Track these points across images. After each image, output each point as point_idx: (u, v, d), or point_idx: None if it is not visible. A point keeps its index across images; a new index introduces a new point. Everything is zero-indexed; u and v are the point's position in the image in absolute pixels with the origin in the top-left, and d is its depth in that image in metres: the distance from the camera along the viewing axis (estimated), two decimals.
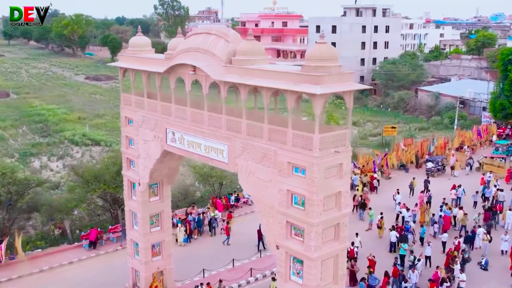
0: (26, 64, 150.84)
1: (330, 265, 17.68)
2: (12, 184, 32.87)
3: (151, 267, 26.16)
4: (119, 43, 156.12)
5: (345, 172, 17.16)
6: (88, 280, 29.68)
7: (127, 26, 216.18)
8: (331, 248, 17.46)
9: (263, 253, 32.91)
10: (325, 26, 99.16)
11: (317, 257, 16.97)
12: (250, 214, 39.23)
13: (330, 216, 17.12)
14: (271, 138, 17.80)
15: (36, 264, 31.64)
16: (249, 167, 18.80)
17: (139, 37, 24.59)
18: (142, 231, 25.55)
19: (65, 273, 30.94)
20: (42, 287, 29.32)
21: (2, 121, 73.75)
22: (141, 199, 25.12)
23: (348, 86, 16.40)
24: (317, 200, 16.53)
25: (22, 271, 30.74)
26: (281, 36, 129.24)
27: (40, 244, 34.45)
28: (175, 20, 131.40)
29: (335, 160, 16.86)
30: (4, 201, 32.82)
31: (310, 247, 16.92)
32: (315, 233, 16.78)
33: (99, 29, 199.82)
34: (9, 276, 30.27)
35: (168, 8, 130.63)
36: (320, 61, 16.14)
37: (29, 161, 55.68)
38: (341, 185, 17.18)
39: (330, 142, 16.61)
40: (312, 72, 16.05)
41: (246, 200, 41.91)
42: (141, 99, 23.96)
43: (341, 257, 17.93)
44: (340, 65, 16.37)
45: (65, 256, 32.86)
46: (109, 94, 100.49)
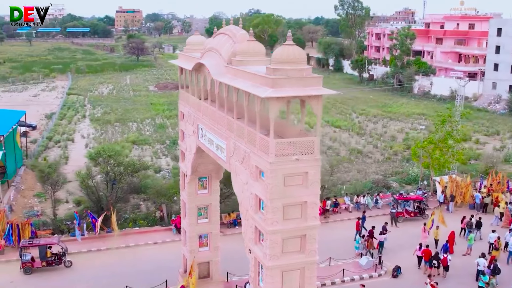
0: None
1: (295, 278, 16.91)
2: (118, 166, 36.58)
3: (196, 256, 27.24)
4: (302, 43, 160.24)
5: (312, 182, 16.23)
6: (159, 260, 31.93)
7: (317, 26, 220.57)
8: (294, 260, 16.69)
9: (334, 261, 31.96)
10: (508, 29, 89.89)
11: (273, 266, 16.39)
12: (340, 222, 38.19)
13: (291, 226, 16.38)
14: (248, 140, 17.58)
15: (125, 240, 35.00)
16: (236, 168, 18.79)
17: (193, 37, 25.69)
18: (189, 221, 26.77)
19: (146, 252, 33.72)
20: (120, 260, 32.42)
21: (169, 110, 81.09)
22: (188, 190, 26.34)
23: (307, 91, 15.51)
24: (272, 207, 15.97)
25: (111, 244, 34.31)
26: (466, 39, 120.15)
27: (141, 223, 37.85)
28: (355, 20, 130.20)
29: (298, 168, 16.07)
30: (110, 181, 36.73)
31: (266, 255, 16.41)
32: (271, 241, 16.22)
33: (292, 29, 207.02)
34: (99, 247, 34.06)
35: (348, 8, 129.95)
36: (280, 64, 15.56)
37: (175, 148, 60.69)
38: (307, 195, 16.29)
39: (290, 149, 15.88)
40: (270, 75, 15.54)
41: (347, 206, 40.76)
42: (187, 95, 25.11)
43: (309, 271, 17.00)
44: (303, 68, 15.56)
45: (153, 236, 35.71)
46: None
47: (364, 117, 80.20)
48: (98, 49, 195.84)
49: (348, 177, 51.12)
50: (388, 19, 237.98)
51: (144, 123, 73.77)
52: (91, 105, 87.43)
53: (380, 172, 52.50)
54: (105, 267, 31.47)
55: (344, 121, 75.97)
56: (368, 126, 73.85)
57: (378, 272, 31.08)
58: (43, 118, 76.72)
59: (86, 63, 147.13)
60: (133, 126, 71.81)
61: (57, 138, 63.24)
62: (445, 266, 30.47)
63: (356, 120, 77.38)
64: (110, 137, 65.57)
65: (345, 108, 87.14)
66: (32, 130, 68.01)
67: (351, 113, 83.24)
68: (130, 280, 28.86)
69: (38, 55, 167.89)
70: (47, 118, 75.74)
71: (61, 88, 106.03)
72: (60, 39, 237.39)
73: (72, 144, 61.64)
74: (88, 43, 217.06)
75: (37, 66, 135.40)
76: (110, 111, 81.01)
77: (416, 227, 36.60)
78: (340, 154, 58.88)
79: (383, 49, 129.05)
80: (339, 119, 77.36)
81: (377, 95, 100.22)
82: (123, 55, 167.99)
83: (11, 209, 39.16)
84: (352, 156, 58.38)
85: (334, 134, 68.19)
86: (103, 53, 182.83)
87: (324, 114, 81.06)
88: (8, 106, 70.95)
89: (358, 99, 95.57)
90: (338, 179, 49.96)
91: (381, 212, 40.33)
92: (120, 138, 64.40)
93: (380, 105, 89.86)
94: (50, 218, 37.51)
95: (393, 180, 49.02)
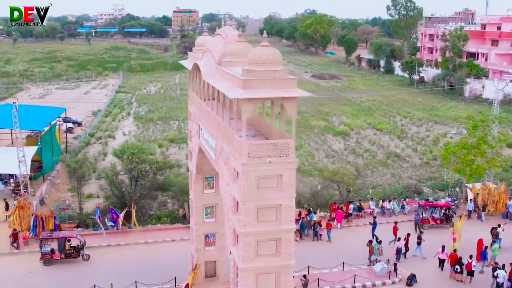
0: None
1: (270, 281, 16.75)
2: (140, 163, 37.32)
3: (202, 255, 27.46)
4: (354, 43, 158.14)
5: (287, 185, 16.03)
6: (174, 258, 32.33)
7: (373, 27, 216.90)
8: (268, 263, 16.54)
9: (348, 266, 31.42)
10: None
11: (246, 268, 16.30)
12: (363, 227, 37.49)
13: (265, 229, 16.25)
14: (229, 141, 17.55)
15: (145, 236, 35.68)
16: (222, 169, 18.80)
17: (201, 37, 25.86)
18: (195, 219, 26.98)
19: (162, 248, 34.27)
20: (137, 255, 33.10)
21: None
22: (194, 189, 26.57)
23: (279, 93, 15.32)
24: (244, 209, 15.89)
25: (131, 240, 35.09)
26: None
27: (164, 220, 38.45)
28: (407, 21, 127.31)
29: (272, 170, 15.91)
30: (133, 178, 37.53)
31: (240, 257, 16.34)
32: (244, 243, 16.14)
33: (346, 29, 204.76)
34: (119, 242, 34.89)
35: (401, 9, 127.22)
36: (254, 65, 15.46)
37: None
38: (282, 198, 16.11)
39: (264, 150, 15.75)
40: (244, 76, 15.46)
41: (371, 211, 39.94)
42: (194, 95, 25.31)
43: (285, 275, 16.79)
44: (276, 69, 15.38)
45: (172, 234, 36.20)
46: (323, 92, 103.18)
47: (408, 120, 78.27)
48: (153, 49, 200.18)
49: (381, 181, 50.16)
50: (447, 20, 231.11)
51: (185, 122, 74.78)
52: (137, 103, 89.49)
53: (415, 177, 51.20)
54: (121, 261, 32.20)
55: (386, 123, 74.44)
56: (411, 129, 72.10)
57: (392, 279, 30.33)
58: (89, 115, 79.10)
59: (139, 62, 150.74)
60: (174, 125, 73.01)
61: (99, 134, 65.09)
62: (469, 271, 29.72)
63: (399, 123, 75.62)
64: (150, 135, 66.96)
65: (390, 110, 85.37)
66: (77, 126, 70.41)
67: (395, 115, 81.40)
68: (142, 275, 29.50)
69: (95, 54, 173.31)
70: (93, 115, 78.04)
71: (111, 86, 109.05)
72: (118, 39, 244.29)
73: (113, 141, 63.24)
74: (144, 43, 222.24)
75: (92, 65, 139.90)
76: (154, 110, 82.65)
77: (442, 234, 35.46)
78: (376, 157, 57.78)
79: (436, 50, 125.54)
80: (382, 121, 75.87)
81: (426, 97, 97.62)
82: (175, 54, 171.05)
83: (42, 202, 40.71)
84: (389, 159, 57.14)
85: (374, 136, 66.91)
86: (157, 53, 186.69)
87: (367, 116, 79.95)
88: (59, 103, 73.73)
89: (405, 102, 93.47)
90: (370, 183, 49.17)
91: (407, 218, 39.27)
92: (159, 136, 65.61)
93: (427, 108, 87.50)
94: (76, 212, 38.64)
95: (426, 185, 47.67)
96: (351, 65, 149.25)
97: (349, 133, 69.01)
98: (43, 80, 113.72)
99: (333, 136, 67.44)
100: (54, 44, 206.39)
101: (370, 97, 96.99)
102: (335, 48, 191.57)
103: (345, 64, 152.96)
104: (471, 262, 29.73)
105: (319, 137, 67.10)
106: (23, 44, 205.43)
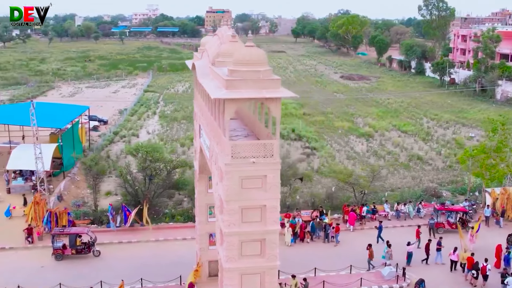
0: (298, 60, 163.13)
1: (255, 282, 16.71)
2: (154, 162, 37.69)
3: (206, 254, 27.57)
4: (385, 44, 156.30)
5: (271, 185, 15.97)
6: (182, 256, 32.48)
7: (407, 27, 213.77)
8: (253, 263, 16.51)
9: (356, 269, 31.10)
10: None
11: (229, 268, 16.30)
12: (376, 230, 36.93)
13: (250, 229, 16.23)
14: (217, 141, 17.59)
15: (157, 234, 36.02)
16: (213, 169, 18.84)
17: (206, 37, 26.03)
18: (199, 218, 27.16)
19: (172, 246, 34.55)
20: (147, 252, 33.45)
21: None
22: (198, 188, 26.72)
23: (262, 93, 15.26)
24: (228, 209, 15.90)
25: (142, 237, 35.49)
26: None
27: (178, 219, 38.74)
28: (439, 22, 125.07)
29: (256, 171, 15.87)
30: (147, 176, 37.94)
31: (223, 257, 16.36)
32: (227, 243, 16.15)
33: (379, 30, 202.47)
34: (130, 239, 35.33)
35: (432, 9, 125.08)
36: (238, 65, 15.46)
37: None
38: (266, 198, 16.06)
39: (248, 151, 15.72)
40: (228, 76, 15.48)
41: (386, 214, 39.41)
42: (196, 94, 25.43)
43: (270, 276, 16.72)
44: (260, 70, 15.33)
45: (184, 232, 36.40)
46: (351, 93, 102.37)
47: (435, 122, 76.92)
48: (184, 48, 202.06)
49: (401, 184, 49.46)
50: (483, 21, 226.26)
51: None
52: (164, 103, 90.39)
53: (437, 180, 50.34)
54: (130, 258, 32.58)
55: (412, 125, 73.33)
56: (437, 131, 70.83)
57: (400, 284, 29.85)
58: (116, 113, 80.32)
59: (170, 61, 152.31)
60: None
61: (123, 133, 66.03)
62: (484, 274, 29.26)
63: (425, 125, 74.37)
64: (174, 133, 67.56)
65: (417, 112, 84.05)
66: (103, 124, 71.61)
67: (422, 117, 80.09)
68: (149, 272, 29.83)
69: (127, 53, 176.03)
70: (120, 114, 79.21)
71: (140, 85, 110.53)
72: (151, 38, 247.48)
73: (137, 139, 64.00)
74: (176, 43, 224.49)
75: (124, 64, 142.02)
76: (180, 109, 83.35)
77: (457, 239, 34.64)
78: (398, 160, 56.99)
79: (468, 51, 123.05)
80: (408, 123, 74.75)
81: (456, 99, 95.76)
82: None
83: (61, 199, 41.55)
84: (411, 162, 56.29)
85: (398, 138, 65.98)
86: (188, 52, 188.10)
87: (393, 117, 78.89)
88: (87, 101, 75.22)
89: (434, 104, 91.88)
90: (389, 185, 48.52)
91: (422, 222, 38.53)
92: (182, 135, 66.14)
93: (456, 110, 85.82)
94: (91, 209, 39.30)
95: (446, 189, 46.77)
96: (382, 66, 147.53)
97: (373, 134, 68.24)
98: (75, 79, 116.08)
99: (357, 137, 66.82)
100: (89, 44, 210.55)
101: (398, 98, 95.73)
102: (367, 48, 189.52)
103: (376, 65, 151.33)
104: (486, 265, 29.25)
105: (342, 138, 66.56)
106: (59, 44, 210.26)
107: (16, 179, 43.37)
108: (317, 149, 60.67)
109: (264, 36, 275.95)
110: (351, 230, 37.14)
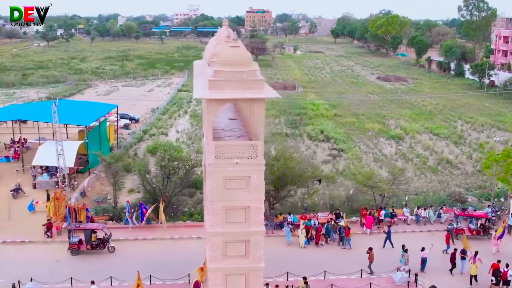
0: (336, 61, 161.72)
1: (239, 282, 16.68)
2: (172, 161, 38.07)
3: None
4: (425, 45, 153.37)
5: (255, 187, 15.91)
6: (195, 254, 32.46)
7: (450, 28, 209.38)
8: (237, 264, 16.48)
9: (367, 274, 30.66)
10: None
11: (214, 269, 16.33)
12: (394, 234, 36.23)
13: (233, 230, 16.21)
14: (207, 142, 17.61)
15: (172, 232, 36.41)
16: (205, 169, 18.88)
17: (212, 38, 26.06)
18: None
19: (186, 244, 34.88)
20: (161, 250, 33.89)
21: (268, 110, 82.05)
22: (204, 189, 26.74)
23: (245, 94, 15.21)
24: (212, 209, 15.92)
25: (157, 235, 35.94)
26: None
27: (196, 217, 39.03)
28: (479, 22, 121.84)
29: (240, 172, 15.84)
30: (165, 175, 38.35)
31: (208, 257, 16.40)
32: (211, 243, 16.17)
33: (420, 30, 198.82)
34: (146, 237, 35.80)
35: (473, 9, 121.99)
36: (222, 66, 15.45)
37: None
38: (250, 199, 16.01)
39: (232, 152, 15.71)
40: (212, 77, 15.50)
41: (405, 218, 38.67)
42: None
43: (254, 277, 16.66)
44: (243, 71, 15.28)
45: (199, 231, 36.39)
46: (385, 94, 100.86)
47: (470, 125, 74.94)
48: None
49: (427, 188, 48.43)
50: None
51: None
52: (196, 102, 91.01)
53: (464, 185, 49.08)
54: (144, 255, 33.04)
55: (445, 128, 71.66)
56: (470, 135, 68.99)
57: None
58: (148, 112, 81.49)
59: None
60: None
61: (152, 131, 66.91)
62: (505, 280, 28.85)
63: (459, 128, 72.55)
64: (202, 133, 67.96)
65: (452, 115, 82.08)
66: (134, 123, 72.80)
67: (456, 120, 78.19)
68: (160, 269, 30.19)
69: (166, 53, 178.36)
70: (152, 113, 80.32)
71: (175, 84, 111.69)
72: (191, 38, 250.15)
73: (165, 138, 64.77)
74: None
75: (161, 64, 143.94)
76: None
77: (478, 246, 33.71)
78: (427, 163, 55.81)
79: (510, 53, 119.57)
80: (441, 126, 73.09)
81: (494, 102, 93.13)
82: None
83: (84, 195, 42.49)
84: (440, 165, 55.04)
85: (429, 141, 64.61)
86: None
87: (426, 120, 77.30)
88: (121, 99, 76.70)
89: (471, 106, 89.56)
90: (414, 189, 47.59)
91: (442, 227, 37.65)
92: None
93: (493, 113, 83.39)
94: (111, 205, 40.01)
95: (472, 194, 45.51)
96: (421, 67, 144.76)
97: (404, 137, 67.02)
98: (112, 78, 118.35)
99: (386, 139, 65.77)
100: (129, 43, 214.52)
101: (433, 100, 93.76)
102: (407, 49, 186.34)
103: (414, 66, 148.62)
104: (507, 271, 28.64)
105: (372, 140, 65.63)
106: (100, 43, 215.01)
107: (42, 175, 44.54)
108: (344, 150, 60.00)
109: (303, 36, 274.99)
110: (368, 233, 36.61)
